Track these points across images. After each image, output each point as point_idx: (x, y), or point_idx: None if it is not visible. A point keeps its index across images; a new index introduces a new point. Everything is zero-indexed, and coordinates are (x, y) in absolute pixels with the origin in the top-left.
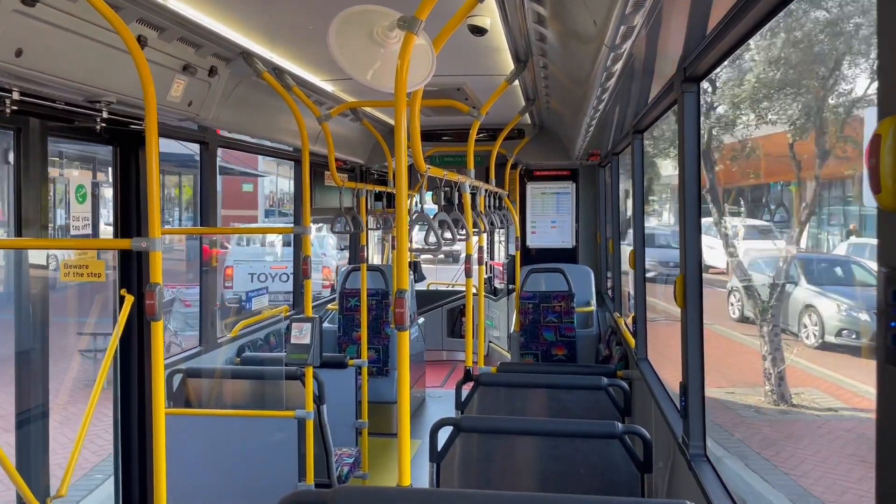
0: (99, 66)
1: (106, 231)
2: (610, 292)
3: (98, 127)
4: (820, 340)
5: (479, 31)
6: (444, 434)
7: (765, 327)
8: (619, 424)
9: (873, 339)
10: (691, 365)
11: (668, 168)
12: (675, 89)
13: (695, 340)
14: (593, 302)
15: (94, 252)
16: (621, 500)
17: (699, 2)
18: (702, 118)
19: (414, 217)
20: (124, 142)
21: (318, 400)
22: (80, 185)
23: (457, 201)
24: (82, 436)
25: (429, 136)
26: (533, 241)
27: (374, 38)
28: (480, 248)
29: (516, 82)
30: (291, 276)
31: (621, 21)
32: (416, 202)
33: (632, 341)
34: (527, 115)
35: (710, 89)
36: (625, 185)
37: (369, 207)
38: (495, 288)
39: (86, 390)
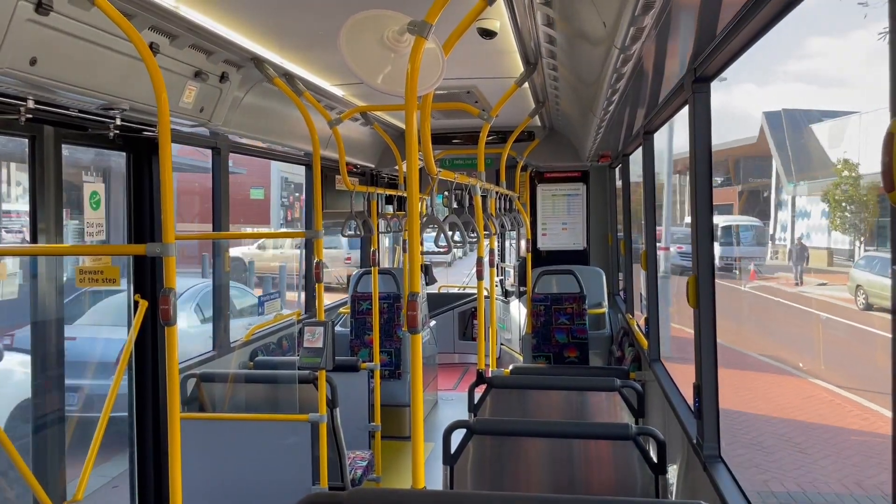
0: (112, 74)
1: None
2: (622, 293)
3: (111, 134)
4: None
5: (488, 34)
6: (457, 437)
7: None
8: (633, 426)
9: None
10: (705, 366)
11: None
12: (685, 90)
13: (708, 341)
14: (605, 303)
15: (108, 257)
16: (635, 502)
17: (709, 1)
18: None
19: (424, 220)
20: (137, 148)
21: (332, 403)
22: (93, 191)
23: (467, 204)
24: (98, 440)
25: (439, 139)
26: (544, 244)
27: (384, 43)
28: (491, 251)
29: (526, 84)
30: None
31: (631, 22)
32: (427, 205)
33: (644, 342)
34: (536, 117)
35: None
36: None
37: (380, 211)
38: (506, 290)
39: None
